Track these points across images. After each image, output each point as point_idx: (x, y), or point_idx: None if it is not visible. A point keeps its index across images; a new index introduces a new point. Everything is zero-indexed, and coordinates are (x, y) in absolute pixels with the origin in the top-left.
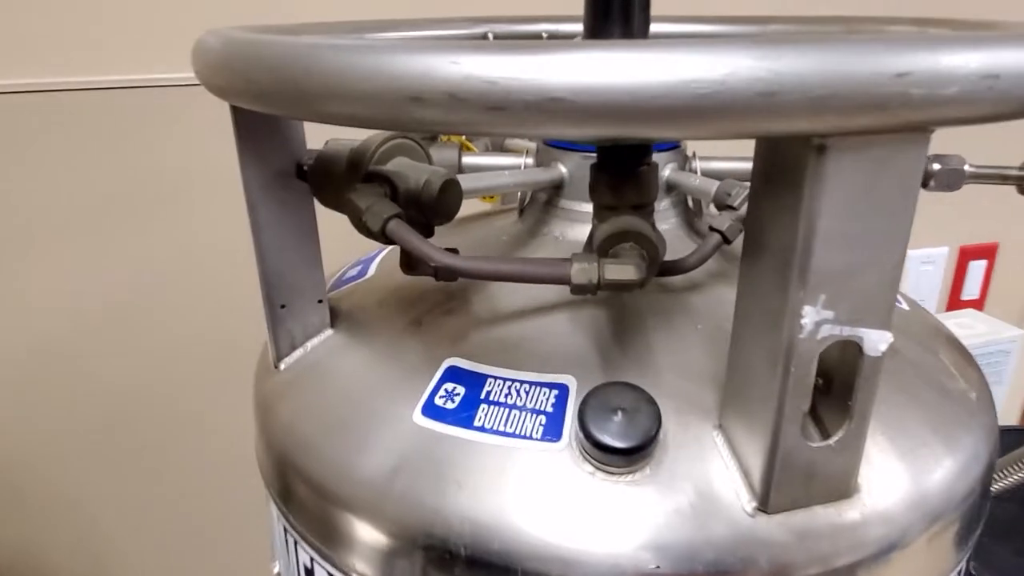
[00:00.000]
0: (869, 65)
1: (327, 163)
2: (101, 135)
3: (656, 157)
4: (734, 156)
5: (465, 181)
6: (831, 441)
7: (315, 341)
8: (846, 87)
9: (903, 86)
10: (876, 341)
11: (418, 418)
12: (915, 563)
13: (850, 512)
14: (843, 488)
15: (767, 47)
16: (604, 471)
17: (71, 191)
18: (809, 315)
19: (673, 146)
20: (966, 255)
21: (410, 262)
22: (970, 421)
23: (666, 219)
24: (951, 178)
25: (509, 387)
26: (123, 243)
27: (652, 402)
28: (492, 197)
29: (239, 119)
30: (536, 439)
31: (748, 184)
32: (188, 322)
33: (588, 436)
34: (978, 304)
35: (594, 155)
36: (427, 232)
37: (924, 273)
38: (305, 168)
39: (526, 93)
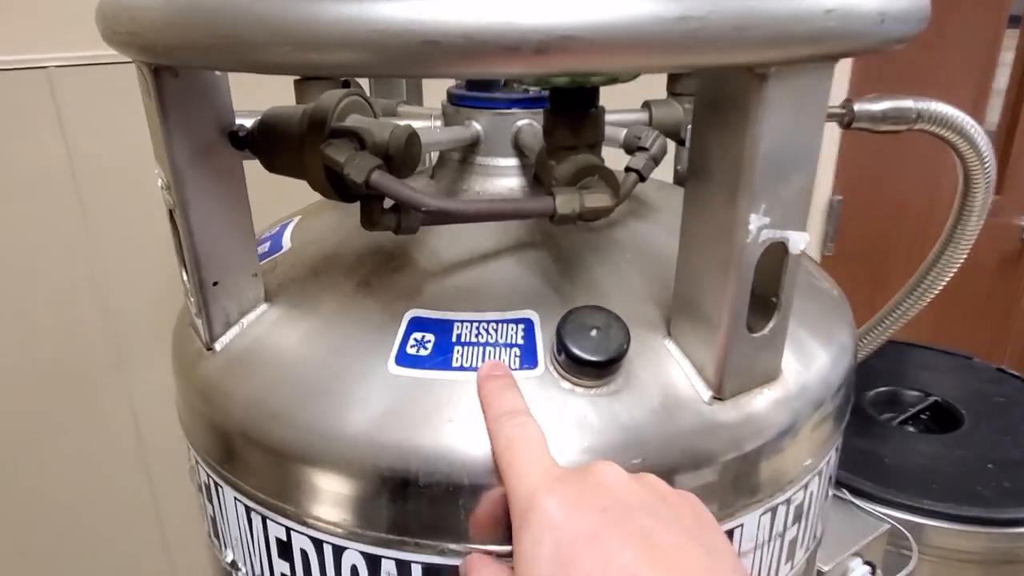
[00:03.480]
0: (808, 2)
1: (278, 126)
2: None
3: (512, 115)
4: (620, 109)
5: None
6: (766, 331)
7: (251, 317)
8: (793, 22)
9: (831, 20)
10: (798, 240)
11: (394, 368)
12: (820, 430)
13: (779, 390)
14: (774, 371)
15: None
16: (582, 386)
17: None
18: (753, 222)
19: (529, 105)
20: None
21: (372, 218)
22: (840, 315)
23: (516, 173)
24: (840, 120)
25: (478, 327)
26: None
27: (620, 319)
28: None
29: (163, 88)
30: (514, 369)
31: (655, 129)
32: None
33: (568, 354)
34: None
35: (507, 111)
36: None
37: None
38: (242, 135)
39: (540, 32)
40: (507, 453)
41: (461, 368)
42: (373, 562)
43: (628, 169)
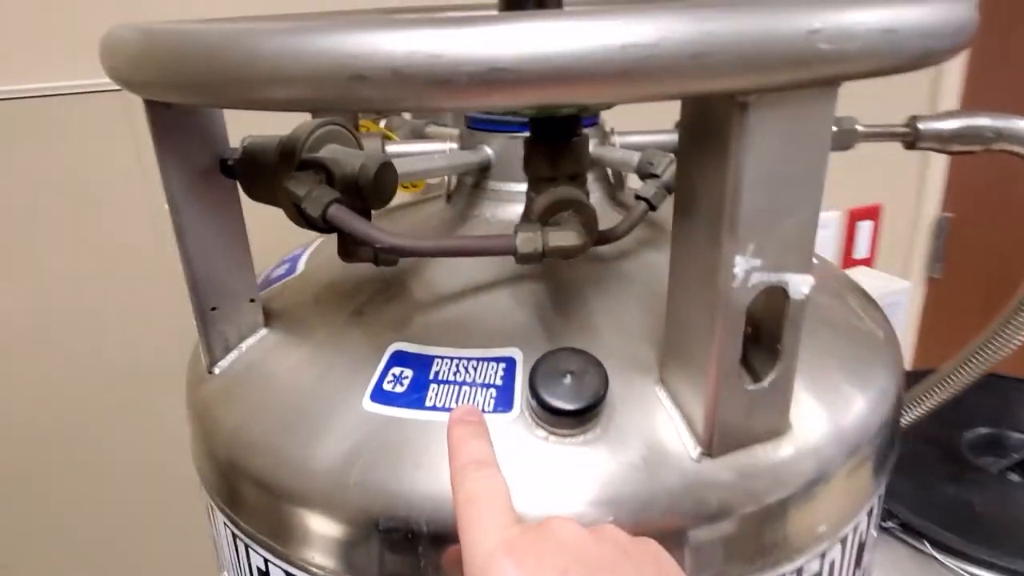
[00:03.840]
0: (784, 24)
1: (256, 155)
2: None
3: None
4: (650, 130)
5: (399, 166)
6: (765, 383)
7: (250, 341)
8: (766, 46)
9: (815, 42)
10: (799, 284)
11: (368, 405)
12: (840, 493)
13: (785, 448)
14: (777, 426)
15: (694, 11)
16: (556, 434)
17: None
18: (740, 264)
19: (592, 122)
20: (854, 217)
21: (347, 249)
22: (878, 359)
23: (591, 192)
24: (845, 138)
25: (457, 365)
26: (29, 255)
27: (598, 364)
28: (415, 186)
29: (156, 117)
30: (488, 412)
31: (670, 154)
32: (97, 333)
33: (540, 401)
34: (868, 262)
35: (519, 134)
36: (365, 217)
37: (820, 238)
38: (231, 163)
39: (471, 64)
40: (467, 506)
41: (434, 408)
42: None
43: (637, 197)
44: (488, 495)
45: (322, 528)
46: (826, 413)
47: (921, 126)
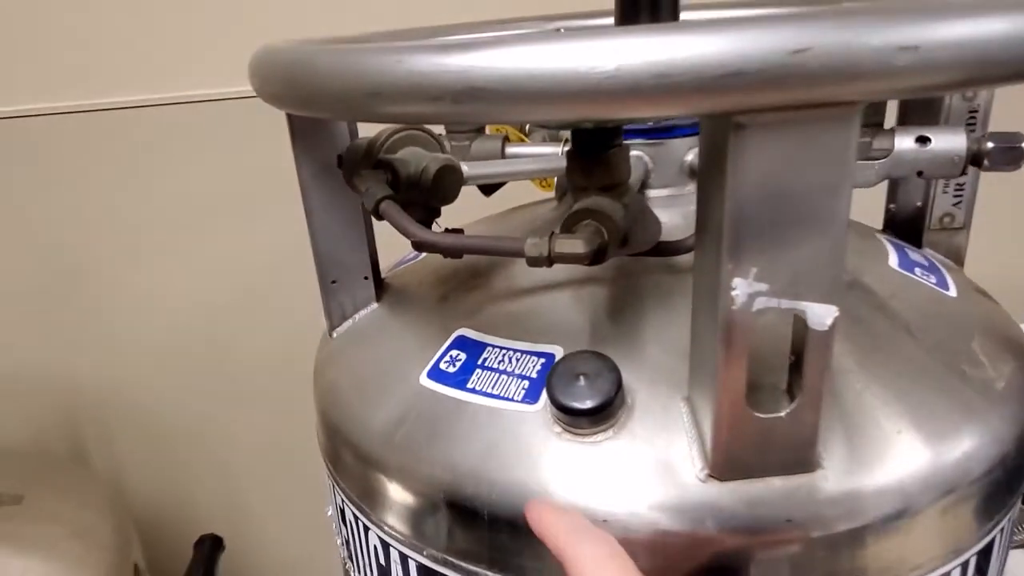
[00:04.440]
0: (766, 43)
1: (352, 154)
2: (217, 143)
3: (680, 142)
4: None
5: (514, 165)
6: (781, 413)
7: (363, 313)
8: (748, 65)
9: (801, 61)
10: (820, 315)
11: (424, 380)
12: (881, 547)
13: (807, 486)
14: (800, 461)
15: (663, 33)
16: (570, 431)
17: (194, 194)
18: (740, 287)
19: (696, 131)
20: None
21: (416, 242)
22: (975, 411)
23: (690, 202)
24: (1007, 156)
25: (503, 355)
26: (247, 237)
27: (614, 369)
28: (548, 184)
29: (291, 119)
30: (517, 401)
31: None
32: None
33: (552, 398)
34: None
35: (666, 141)
36: (427, 212)
37: None
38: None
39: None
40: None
41: (472, 391)
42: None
43: None
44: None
45: (370, 476)
46: (885, 459)
47: (993, 144)
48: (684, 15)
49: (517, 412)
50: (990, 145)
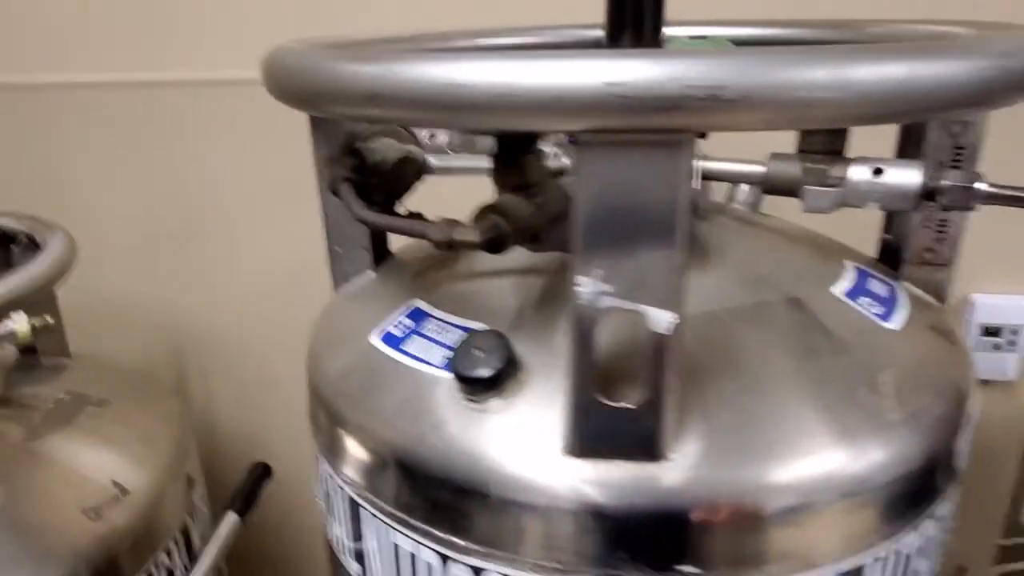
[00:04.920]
0: (587, 75)
1: (345, 142)
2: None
3: None
4: (746, 159)
5: (445, 161)
6: (627, 405)
7: (358, 279)
8: (566, 95)
9: (618, 92)
10: (660, 319)
11: (374, 340)
12: (734, 540)
13: (650, 475)
14: (646, 451)
15: (510, 59)
16: (467, 398)
17: (294, 165)
18: (586, 285)
19: None
20: None
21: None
22: (849, 435)
23: None
24: (961, 195)
25: (440, 326)
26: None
27: (506, 347)
28: None
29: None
30: (436, 367)
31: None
32: None
33: (452, 367)
34: None
35: None
36: (387, 196)
37: None
38: None
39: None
40: None
41: (405, 353)
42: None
43: None
44: None
45: (323, 418)
46: (745, 464)
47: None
48: (675, 31)
49: (433, 376)
50: (944, 182)
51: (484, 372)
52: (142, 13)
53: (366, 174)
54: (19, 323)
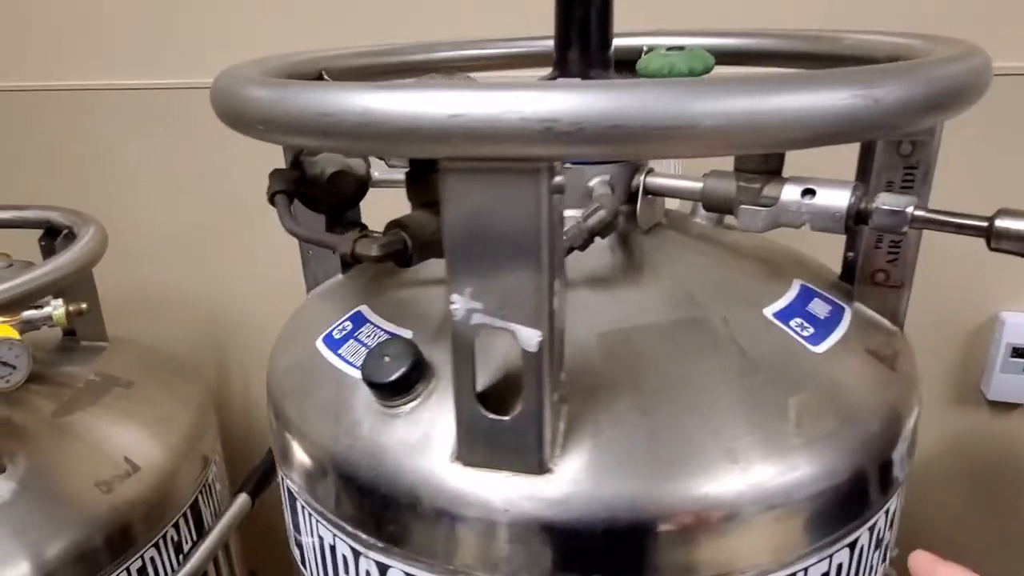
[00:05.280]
0: (430, 106)
1: (294, 154)
2: None
3: (588, 169)
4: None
5: (388, 173)
6: (505, 417)
7: (327, 281)
8: (414, 124)
9: (457, 123)
10: (527, 337)
11: (318, 341)
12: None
13: (532, 486)
14: (529, 464)
15: (374, 91)
16: (380, 403)
17: None
18: (458, 302)
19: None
20: None
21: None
22: (735, 459)
23: None
24: (891, 219)
25: (373, 331)
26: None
27: (414, 354)
28: None
29: None
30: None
31: (603, 202)
32: None
33: (361, 372)
34: None
35: (580, 166)
36: (331, 208)
37: None
38: None
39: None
40: None
41: (340, 356)
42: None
43: None
44: None
45: (272, 412)
46: (630, 482)
47: (1002, 223)
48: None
49: (356, 380)
50: (874, 205)
51: (388, 377)
52: (174, 23)
53: (307, 186)
54: (56, 308)
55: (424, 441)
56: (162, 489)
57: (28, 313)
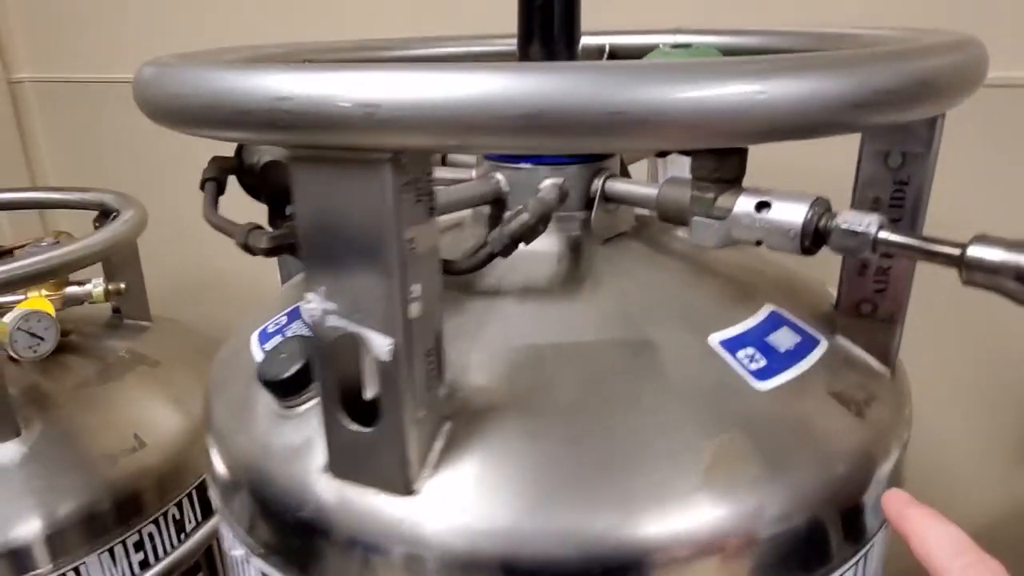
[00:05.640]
0: (257, 89)
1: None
2: None
3: (540, 169)
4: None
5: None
6: (367, 430)
7: (299, 275)
8: (242, 107)
9: (282, 108)
10: (379, 344)
11: (253, 335)
12: None
13: (394, 507)
14: (393, 482)
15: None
16: (275, 401)
17: None
18: (313, 301)
19: (554, 160)
20: None
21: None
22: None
23: None
24: (850, 240)
25: (300, 328)
26: None
27: (305, 353)
28: None
29: None
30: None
31: (528, 206)
32: None
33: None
34: None
35: (530, 167)
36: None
37: None
38: None
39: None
40: None
41: (263, 351)
42: None
43: (483, 245)
44: None
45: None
46: (536, 512)
47: (974, 253)
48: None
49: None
50: (833, 223)
51: (279, 375)
52: (225, 22)
53: (245, 175)
54: (96, 286)
55: (306, 447)
56: (167, 467)
57: (71, 289)
